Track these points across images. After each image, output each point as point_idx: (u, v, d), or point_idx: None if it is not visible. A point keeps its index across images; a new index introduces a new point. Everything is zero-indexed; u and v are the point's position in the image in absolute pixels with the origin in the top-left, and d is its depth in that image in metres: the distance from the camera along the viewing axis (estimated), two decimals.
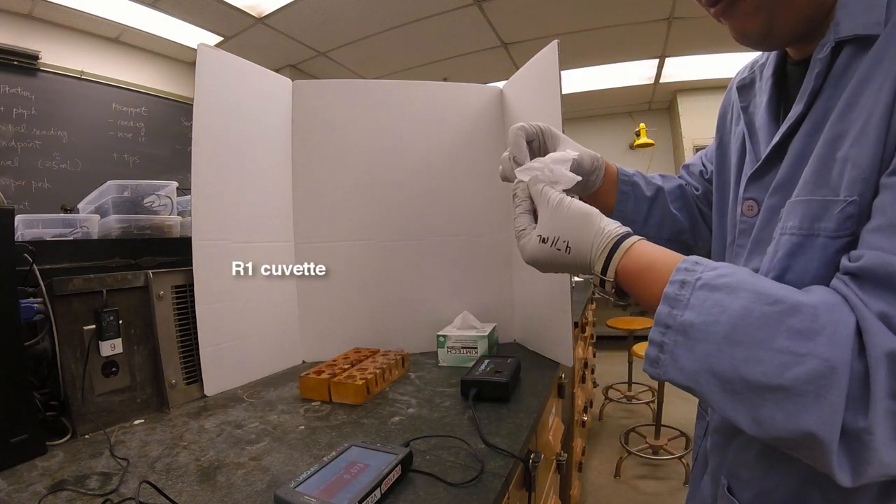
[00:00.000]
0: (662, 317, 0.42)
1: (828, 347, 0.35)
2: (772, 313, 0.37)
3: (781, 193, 0.48)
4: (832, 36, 0.43)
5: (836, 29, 0.43)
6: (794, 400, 0.35)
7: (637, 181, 0.75)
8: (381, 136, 1.27)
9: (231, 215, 1.07)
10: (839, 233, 0.41)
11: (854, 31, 0.42)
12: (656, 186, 0.76)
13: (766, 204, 0.50)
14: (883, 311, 0.35)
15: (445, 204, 1.30)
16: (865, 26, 0.41)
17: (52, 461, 0.70)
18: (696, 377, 0.40)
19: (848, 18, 0.42)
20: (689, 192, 0.79)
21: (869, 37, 0.41)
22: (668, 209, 0.75)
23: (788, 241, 0.44)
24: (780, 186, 0.48)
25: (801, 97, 0.47)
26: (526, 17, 3.30)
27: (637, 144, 4.86)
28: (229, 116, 1.07)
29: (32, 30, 3.08)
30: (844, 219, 0.40)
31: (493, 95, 1.32)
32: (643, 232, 0.75)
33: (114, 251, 1.01)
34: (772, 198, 0.49)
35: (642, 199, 0.74)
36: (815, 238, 0.42)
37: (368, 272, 1.27)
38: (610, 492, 2.32)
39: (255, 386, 1.06)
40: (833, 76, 0.44)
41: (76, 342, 0.81)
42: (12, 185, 2.95)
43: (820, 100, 0.45)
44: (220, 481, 0.63)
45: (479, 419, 0.78)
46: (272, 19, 3.30)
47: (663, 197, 0.76)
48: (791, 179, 0.46)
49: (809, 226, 0.43)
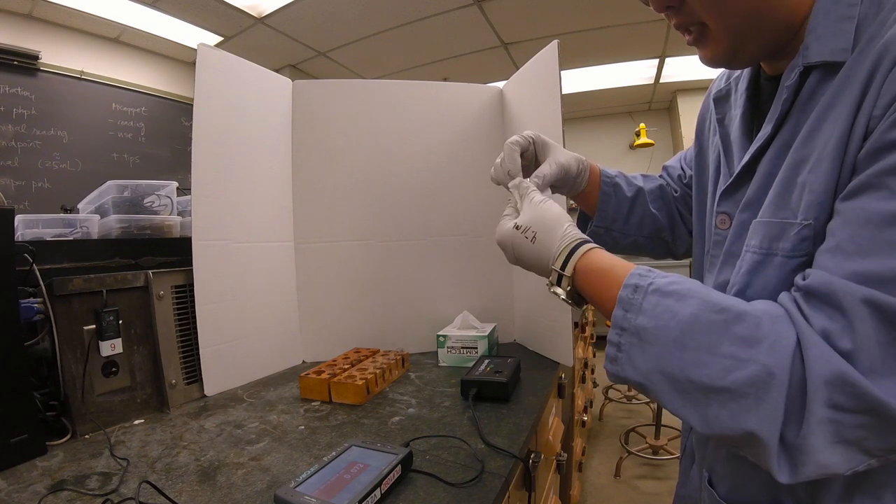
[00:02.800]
0: (618, 319, 0.45)
1: (768, 355, 0.37)
2: (718, 321, 0.40)
3: (750, 210, 0.50)
4: (801, 60, 0.45)
5: (805, 53, 0.44)
6: (737, 401, 0.38)
7: (619, 182, 0.79)
8: (381, 136, 1.27)
9: (231, 215, 1.07)
10: (795, 253, 0.43)
11: (821, 58, 0.43)
12: (637, 187, 0.80)
13: (737, 219, 0.52)
14: (824, 327, 0.37)
15: (445, 204, 1.30)
16: (833, 52, 0.43)
17: (52, 461, 0.70)
18: (649, 376, 0.43)
19: (816, 43, 0.44)
20: (669, 192, 0.82)
21: (836, 63, 0.42)
22: (648, 209, 0.79)
23: (751, 259, 0.47)
24: (748, 204, 0.50)
25: (770, 119, 0.48)
26: (526, 17, 3.30)
27: (637, 144, 4.86)
28: (229, 116, 1.07)
29: (32, 30, 3.08)
30: (800, 240, 0.43)
31: (493, 95, 1.32)
32: (625, 230, 0.79)
33: (114, 251, 1.01)
34: (742, 213, 0.51)
35: (623, 199, 0.79)
36: (774, 257, 0.45)
37: (368, 272, 1.27)
38: (610, 492, 2.32)
39: (255, 386, 1.06)
40: (800, 101, 0.46)
41: (76, 342, 0.81)
42: (12, 185, 2.95)
43: (787, 123, 0.47)
44: (220, 481, 0.63)
45: (479, 419, 0.78)
46: (272, 19, 3.30)
47: (643, 197, 0.79)
48: (759, 198, 0.49)
49: (769, 245, 0.45)
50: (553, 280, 0.54)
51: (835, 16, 0.43)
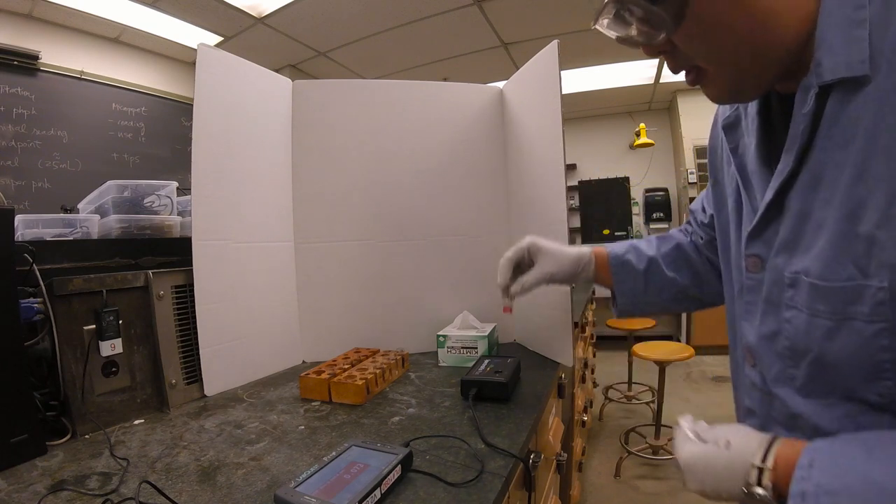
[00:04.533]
0: None
1: None
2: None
3: (787, 253, 0.47)
4: (815, 80, 0.41)
5: (818, 71, 0.41)
6: None
7: (628, 259, 0.81)
8: (381, 136, 1.27)
9: (231, 215, 1.07)
10: (874, 318, 0.40)
11: (837, 75, 0.40)
12: (648, 257, 0.80)
13: (772, 263, 0.49)
14: None
15: (445, 204, 1.30)
16: (849, 67, 0.39)
17: (52, 461, 0.70)
18: None
19: (829, 57, 0.40)
20: (691, 246, 0.81)
21: (857, 78, 0.39)
22: (665, 275, 0.79)
23: (824, 325, 0.43)
24: (784, 246, 0.47)
25: (790, 148, 0.45)
26: (526, 17, 3.30)
27: (637, 144, 4.86)
28: (229, 116, 1.07)
29: (32, 30, 3.08)
30: (877, 304, 0.39)
31: (493, 95, 1.32)
32: (646, 300, 0.80)
33: (114, 251, 1.01)
34: (777, 257, 0.48)
35: (636, 273, 0.80)
36: (852, 321, 0.41)
37: (368, 272, 1.27)
38: (610, 492, 2.32)
39: (255, 386, 1.06)
40: (824, 126, 0.42)
41: (76, 342, 0.81)
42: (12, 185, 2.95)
43: (814, 152, 0.43)
44: (220, 481, 0.63)
45: (479, 419, 0.78)
46: (272, 19, 3.29)
47: (657, 265, 0.80)
48: (796, 239, 0.45)
49: (843, 310, 0.41)
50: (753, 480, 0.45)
51: (842, 20, 0.40)
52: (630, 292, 0.81)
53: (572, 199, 5.72)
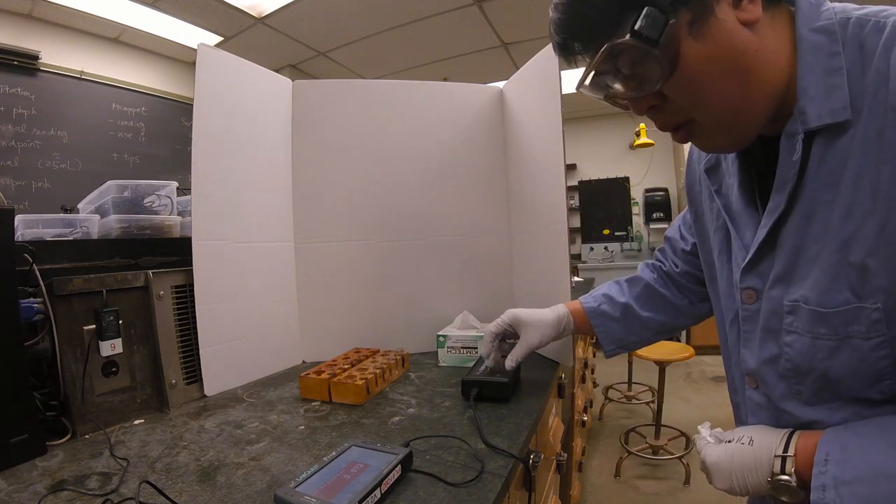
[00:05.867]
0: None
1: None
2: None
3: (783, 285, 0.50)
4: (800, 127, 0.44)
5: (803, 119, 0.44)
6: None
7: (604, 310, 0.86)
8: (381, 136, 1.27)
9: (231, 215, 1.07)
10: (871, 335, 0.43)
11: (822, 121, 0.43)
12: (622, 304, 0.85)
13: (768, 296, 0.51)
14: None
15: (445, 204, 1.30)
16: (833, 113, 0.42)
17: (52, 461, 0.70)
18: None
19: (811, 105, 0.44)
20: (660, 282, 0.84)
21: (840, 124, 0.42)
22: (641, 316, 0.84)
23: (826, 345, 0.46)
24: (780, 279, 0.50)
25: (780, 188, 0.48)
26: (526, 17, 3.30)
27: (637, 144, 4.86)
28: (229, 116, 1.07)
29: (32, 30, 3.08)
30: (873, 323, 0.43)
31: (493, 95, 1.32)
32: (632, 338, 0.85)
33: (114, 251, 1.01)
34: (773, 289, 0.51)
35: (614, 321, 0.85)
36: (851, 339, 0.45)
37: (368, 272, 1.27)
38: (610, 492, 2.32)
39: (255, 386, 1.06)
40: (811, 167, 0.45)
41: (76, 342, 0.81)
42: (12, 185, 2.95)
43: (804, 192, 0.46)
44: (220, 481, 0.63)
45: (479, 419, 0.78)
46: (272, 19, 3.30)
47: (631, 310, 0.85)
48: (791, 272, 0.49)
49: (844, 330, 0.45)
50: (777, 469, 0.49)
51: (820, 70, 0.43)
52: (615, 338, 0.86)
53: (572, 199, 5.72)
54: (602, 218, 5.66)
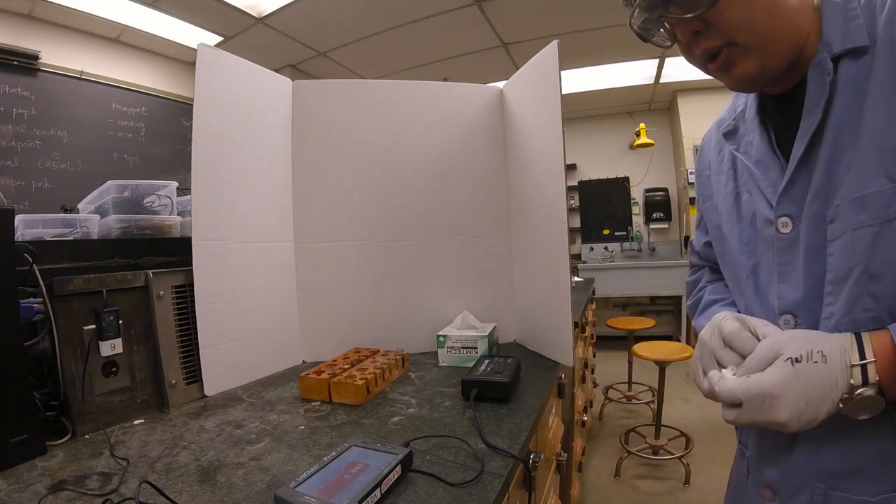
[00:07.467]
0: None
1: None
2: None
3: (821, 200, 0.51)
4: (826, 53, 0.50)
5: (829, 47, 0.50)
6: None
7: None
8: (381, 135, 1.27)
9: (231, 215, 1.07)
10: None
11: (845, 46, 0.49)
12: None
13: (807, 213, 0.53)
14: None
15: (445, 204, 1.30)
16: (853, 41, 0.49)
17: (52, 461, 0.70)
18: None
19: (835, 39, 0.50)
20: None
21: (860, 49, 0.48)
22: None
23: (866, 234, 0.47)
24: (818, 193, 0.51)
25: (814, 108, 0.51)
26: (526, 17, 3.30)
27: (637, 144, 4.86)
28: (229, 116, 1.07)
29: (32, 30, 3.07)
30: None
31: (493, 95, 1.32)
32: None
33: (114, 251, 1.01)
34: (812, 206, 0.52)
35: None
36: (891, 222, 0.46)
37: (368, 272, 1.27)
38: (610, 492, 2.32)
39: (255, 386, 1.06)
40: (839, 83, 0.50)
41: (76, 342, 0.81)
42: (12, 185, 2.94)
43: (835, 107, 0.50)
44: (220, 481, 0.63)
45: (479, 419, 0.78)
46: (272, 19, 3.29)
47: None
48: (829, 185, 0.51)
49: (884, 213, 0.46)
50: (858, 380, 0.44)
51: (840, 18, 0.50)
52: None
53: (572, 199, 5.71)
54: (602, 218, 5.65)
